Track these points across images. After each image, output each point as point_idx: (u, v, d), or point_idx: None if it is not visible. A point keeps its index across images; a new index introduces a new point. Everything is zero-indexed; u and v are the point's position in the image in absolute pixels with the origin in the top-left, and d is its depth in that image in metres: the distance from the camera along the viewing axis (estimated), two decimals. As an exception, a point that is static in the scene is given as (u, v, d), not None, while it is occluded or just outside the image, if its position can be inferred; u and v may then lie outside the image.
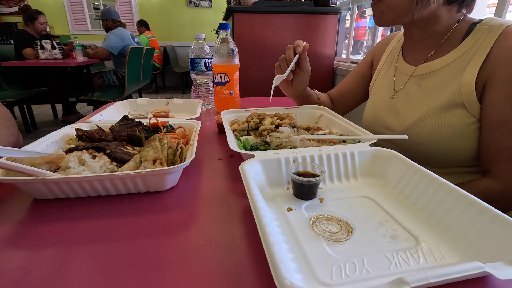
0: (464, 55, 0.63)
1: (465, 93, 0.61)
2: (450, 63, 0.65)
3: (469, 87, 0.60)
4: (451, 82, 0.63)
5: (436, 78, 0.67)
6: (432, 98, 0.66)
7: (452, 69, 0.64)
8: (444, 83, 0.65)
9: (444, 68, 0.66)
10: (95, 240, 0.38)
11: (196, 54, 1.05)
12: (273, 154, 0.50)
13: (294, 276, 0.30)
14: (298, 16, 2.31)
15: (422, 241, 0.36)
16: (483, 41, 0.60)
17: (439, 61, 0.67)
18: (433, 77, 0.68)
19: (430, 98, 0.66)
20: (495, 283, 0.30)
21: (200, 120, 0.79)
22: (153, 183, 0.48)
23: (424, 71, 0.70)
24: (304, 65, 0.79)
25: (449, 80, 0.64)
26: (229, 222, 0.41)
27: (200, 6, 5.64)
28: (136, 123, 0.64)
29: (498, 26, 0.60)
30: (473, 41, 0.62)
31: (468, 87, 0.60)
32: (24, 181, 0.42)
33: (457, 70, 0.63)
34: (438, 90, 0.66)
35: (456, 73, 0.63)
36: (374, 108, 0.82)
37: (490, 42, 0.59)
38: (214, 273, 0.32)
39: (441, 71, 0.66)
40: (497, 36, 0.59)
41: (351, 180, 0.52)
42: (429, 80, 0.68)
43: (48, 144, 0.57)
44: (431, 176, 0.43)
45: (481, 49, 0.60)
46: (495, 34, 0.59)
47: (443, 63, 0.66)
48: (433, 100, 0.65)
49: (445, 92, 0.64)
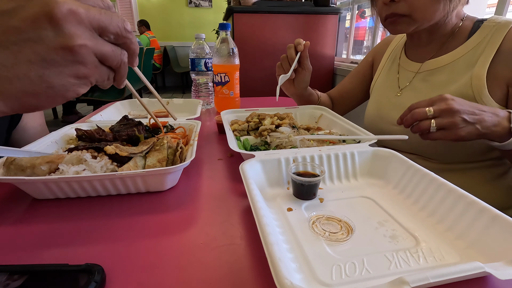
0: (473, 50, 0.64)
1: (475, 86, 0.62)
2: (459, 57, 0.66)
3: (479, 81, 0.62)
4: (461, 76, 0.64)
5: (445, 73, 0.68)
6: (442, 91, 0.67)
7: (462, 63, 0.65)
8: (454, 77, 0.66)
9: (453, 62, 0.67)
10: (95, 240, 0.38)
11: (196, 54, 1.05)
12: (273, 154, 0.50)
13: (294, 276, 0.30)
14: (298, 16, 2.31)
15: (422, 241, 0.36)
16: (492, 37, 0.62)
17: (447, 56, 0.68)
18: (442, 72, 0.69)
19: (440, 92, 0.67)
20: (495, 283, 0.30)
21: (200, 120, 0.79)
22: (153, 183, 0.48)
23: (432, 67, 0.70)
24: (306, 63, 0.80)
25: (459, 74, 0.65)
26: (229, 222, 0.41)
27: (200, 6, 5.64)
28: (136, 123, 0.64)
29: (506, 23, 0.62)
30: (481, 37, 0.64)
31: (478, 80, 0.62)
32: (24, 181, 0.42)
33: (467, 64, 0.64)
34: (448, 84, 0.67)
35: (466, 67, 0.64)
36: (378, 106, 0.82)
37: (499, 38, 0.61)
38: (214, 273, 0.32)
39: (450, 66, 0.67)
40: (506, 32, 0.61)
41: (351, 180, 0.52)
42: (438, 75, 0.69)
43: (48, 144, 0.57)
44: (431, 176, 0.43)
45: (490, 45, 0.62)
46: (503, 31, 0.61)
47: (451, 58, 0.67)
48: None
49: (455, 86, 0.65)
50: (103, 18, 0.27)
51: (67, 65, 0.26)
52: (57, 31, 0.24)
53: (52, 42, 0.24)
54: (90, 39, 0.26)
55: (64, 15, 0.24)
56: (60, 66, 0.26)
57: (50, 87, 0.26)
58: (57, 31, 0.24)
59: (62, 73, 0.26)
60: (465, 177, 0.68)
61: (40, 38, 0.24)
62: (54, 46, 0.25)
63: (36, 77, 0.25)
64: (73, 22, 0.25)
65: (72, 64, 0.26)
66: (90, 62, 0.27)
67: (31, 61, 0.24)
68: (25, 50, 0.24)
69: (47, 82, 0.26)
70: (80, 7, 0.25)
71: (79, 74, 0.27)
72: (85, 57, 0.26)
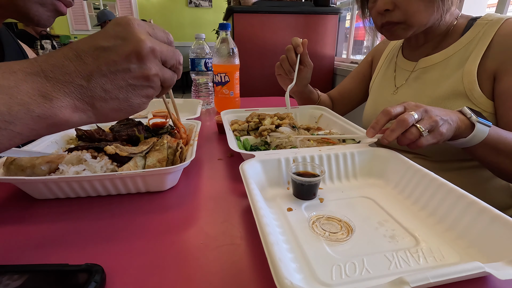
0: (465, 47, 0.65)
1: (466, 82, 0.62)
2: (451, 55, 0.66)
3: (470, 77, 0.62)
4: (453, 72, 0.65)
5: (438, 70, 0.68)
6: (434, 88, 0.67)
7: (454, 61, 0.66)
8: (446, 74, 0.66)
9: (446, 60, 0.67)
10: (95, 240, 0.38)
11: (196, 54, 1.05)
12: (273, 154, 0.50)
13: (294, 276, 0.30)
14: (298, 16, 2.31)
15: (422, 241, 0.36)
16: (484, 34, 0.62)
17: (440, 54, 0.68)
18: (435, 69, 0.69)
19: (432, 89, 0.67)
20: (495, 283, 0.30)
21: (200, 120, 0.79)
22: (153, 183, 0.48)
23: (425, 65, 0.71)
24: (306, 60, 0.81)
25: (451, 71, 0.65)
26: (229, 222, 0.41)
27: (200, 6, 5.63)
28: (136, 123, 0.64)
29: (498, 19, 0.62)
30: (474, 34, 0.64)
31: (469, 76, 0.62)
32: (24, 181, 0.42)
33: (459, 61, 0.65)
34: (440, 81, 0.67)
35: (458, 64, 0.65)
36: (375, 105, 0.82)
37: (490, 34, 0.61)
38: (214, 273, 0.32)
39: (443, 63, 0.68)
40: (497, 28, 0.61)
41: (351, 180, 0.52)
42: (431, 72, 0.70)
43: (48, 144, 0.57)
44: (431, 176, 0.43)
45: (482, 41, 0.62)
46: (495, 26, 0.61)
47: (444, 55, 0.68)
48: (435, 91, 0.67)
49: (447, 82, 0.65)
50: (169, 54, 0.35)
51: (143, 89, 0.34)
52: (141, 64, 0.32)
53: (137, 72, 0.32)
54: (159, 69, 0.34)
55: (147, 53, 0.32)
56: (139, 89, 0.34)
57: (130, 105, 0.34)
58: (141, 64, 0.32)
59: (139, 94, 0.34)
60: (464, 176, 0.68)
61: (129, 69, 0.32)
62: (138, 76, 0.32)
63: (123, 98, 0.33)
64: (151, 57, 0.33)
65: (146, 88, 0.34)
66: (157, 86, 0.35)
67: (122, 86, 0.32)
68: (118, 77, 0.32)
69: (129, 102, 0.33)
70: (156, 46, 0.33)
71: (149, 94, 0.35)
72: (156, 82, 0.35)
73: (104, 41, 0.31)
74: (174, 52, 0.36)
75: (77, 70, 0.30)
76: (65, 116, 0.30)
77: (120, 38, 0.31)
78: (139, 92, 0.34)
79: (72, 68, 0.30)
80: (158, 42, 0.34)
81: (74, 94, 0.30)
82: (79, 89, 0.30)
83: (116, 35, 0.31)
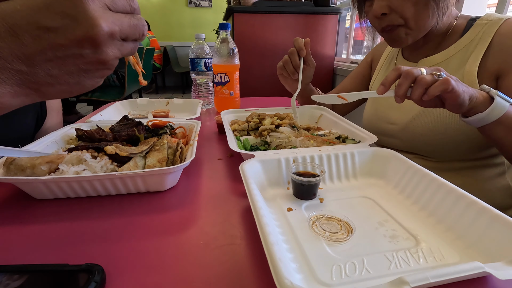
0: (465, 48, 0.65)
1: (467, 83, 0.62)
2: (452, 55, 0.67)
3: (471, 77, 0.62)
4: (453, 73, 0.65)
5: None
6: None
7: (455, 61, 0.66)
8: None
9: (447, 60, 0.67)
10: (95, 240, 0.38)
11: (196, 54, 1.05)
12: (273, 154, 0.50)
13: (294, 276, 0.30)
14: (298, 16, 2.31)
15: (422, 241, 0.36)
16: (484, 34, 0.62)
17: (441, 54, 0.68)
18: None
19: None
20: (495, 283, 0.30)
21: (200, 120, 0.79)
22: (153, 183, 0.48)
23: (426, 65, 0.71)
24: (309, 59, 0.81)
25: (451, 71, 0.65)
26: (229, 222, 0.41)
27: (200, 6, 5.63)
28: (136, 123, 0.64)
29: (498, 19, 0.62)
30: (474, 34, 0.64)
31: (470, 77, 0.62)
32: (24, 181, 0.42)
33: (459, 61, 0.65)
34: None
35: (458, 64, 0.65)
36: (375, 105, 0.82)
37: (490, 34, 0.61)
38: (214, 273, 0.32)
39: (443, 64, 0.68)
40: (497, 28, 0.61)
41: (351, 180, 0.52)
42: None
43: (48, 144, 0.57)
44: (431, 176, 0.43)
45: (482, 41, 0.62)
46: (494, 26, 0.62)
47: (445, 56, 0.68)
48: None
49: None
50: (130, 29, 0.31)
51: (99, 71, 0.30)
52: (96, 49, 0.28)
53: (90, 58, 0.28)
54: (118, 49, 0.30)
55: (103, 39, 0.28)
56: (94, 73, 0.30)
57: (82, 86, 0.31)
58: (96, 49, 0.28)
59: (94, 77, 0.31)
60: (464, 176, 0.68)
61: (81, 54, 0.28)
62: (92, 61, 0.29)
63: (74, 82, 0.30)
64: (109, 41, 0.29)
65: (102, 70, 0.31)
66: (115, 65, 0.32)
67: (72, 72, 0.29)
68: (68, 63, 0.28)
69: (81, 84, 0.30)
70: (115, 26, 0.28)
71: (105, 74, 0.32)
72: (114, 64, 0.31)
73: (47, 19, 0.25)
74: (136, 25, 0.31)
75: (13, 53, 0.25)
76: (3, 103, 0.27)
77: (69, 17, 0.26)
78: (93, 74, 0.30)
79: (6, 50, 0.25)
80: (117, 19, 0.29)
81: (12, 80, 0.26)
82: (18, 74, 0.26)
83: (64, 13, 0.25)
